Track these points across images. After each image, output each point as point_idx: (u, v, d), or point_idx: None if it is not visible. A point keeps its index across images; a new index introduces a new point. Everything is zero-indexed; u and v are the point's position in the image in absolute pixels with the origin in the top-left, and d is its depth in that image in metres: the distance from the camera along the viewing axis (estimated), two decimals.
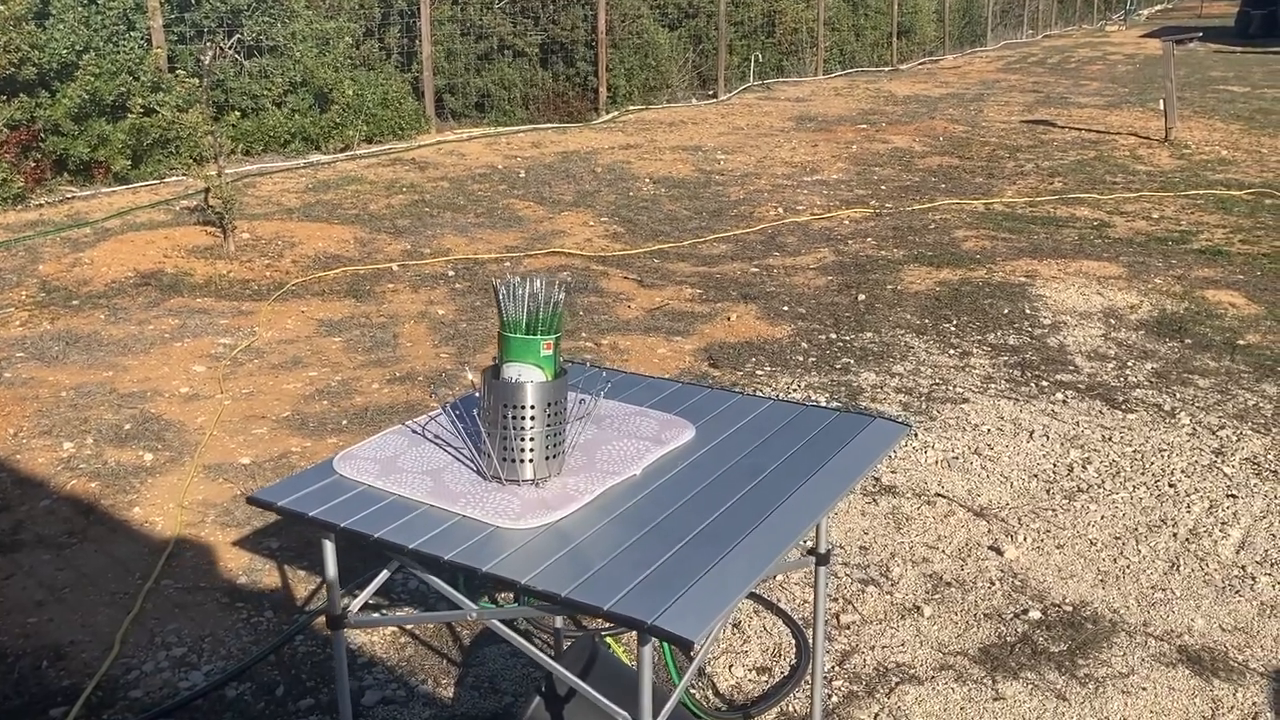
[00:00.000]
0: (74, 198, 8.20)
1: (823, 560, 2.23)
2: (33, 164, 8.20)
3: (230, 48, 10.00)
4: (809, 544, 2.27)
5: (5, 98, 8.15)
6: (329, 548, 1.90)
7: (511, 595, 2.95)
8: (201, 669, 2.83)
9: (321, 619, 3.00)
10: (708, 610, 1.55)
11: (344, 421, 4.40)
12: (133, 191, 8.41)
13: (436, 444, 2.04)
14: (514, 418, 1.85)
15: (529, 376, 1.86)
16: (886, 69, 19.08)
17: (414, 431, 2.10)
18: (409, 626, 3.00)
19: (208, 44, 8.77)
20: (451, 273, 6.47)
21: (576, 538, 1.74)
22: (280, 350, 5.20)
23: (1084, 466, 4.03)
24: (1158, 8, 39.06)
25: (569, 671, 1.99)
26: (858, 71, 18.38)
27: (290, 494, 1.89)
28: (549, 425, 1.87)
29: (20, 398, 4.59)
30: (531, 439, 1.86)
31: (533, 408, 1.85)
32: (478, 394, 2.02)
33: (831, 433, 2.09)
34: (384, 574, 1.98)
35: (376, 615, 2.82)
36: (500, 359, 1.90)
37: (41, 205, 7.93)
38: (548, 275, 6.09)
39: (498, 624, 1.81)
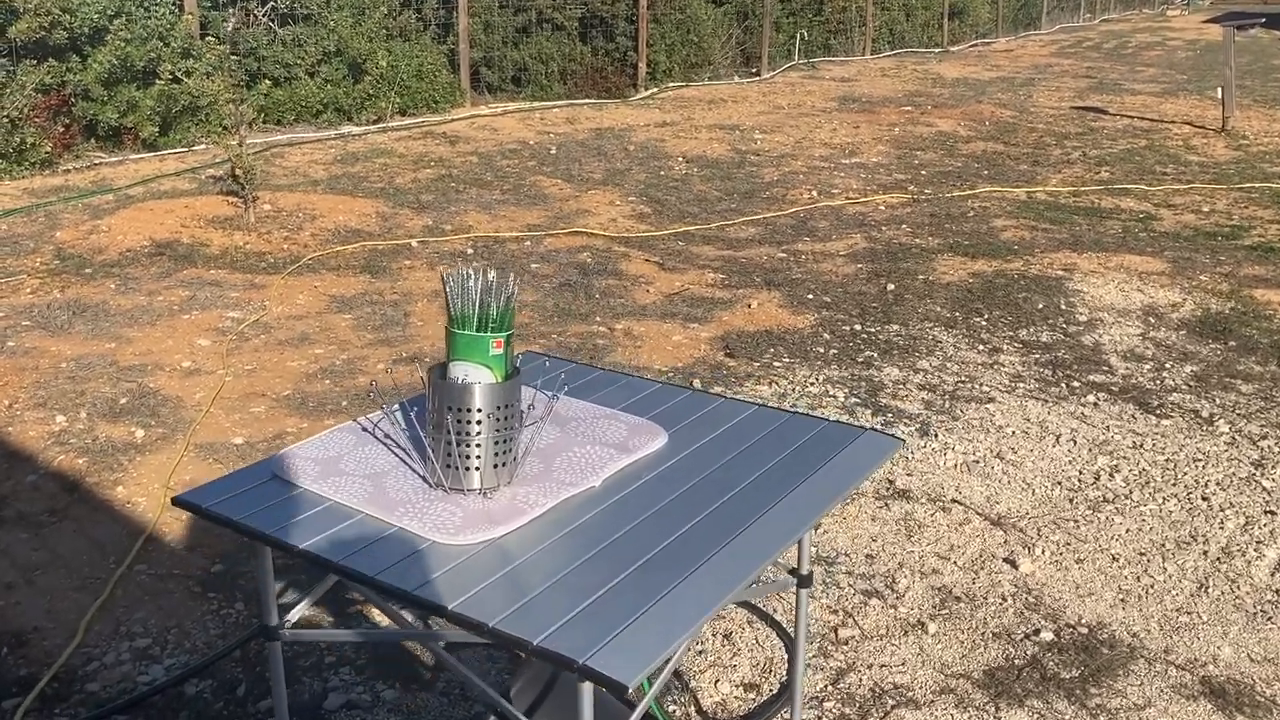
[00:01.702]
0: (102, 164, 8.15)
1: (804, 582, 2.06)
2: (62, 129, 8.15)
3: (264, 15, 9.90)
4: (790, 563, 2.10)
5: (35, 62, 8.11)
6: (264, 553, 1.76)
7: None
8: (163, 662, 2.72)
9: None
10: (649, 649, 1.38)
11: (344, 402, 4.28)
12: (160, 159, 8.35)
13: (385, 444, 1.89)
14: (459, 421, 1.69)
15: (477, 377, 1.70)
16: (936, 50, 18.66)
17: (363, 429, 1.95)
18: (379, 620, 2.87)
19: (235, 10, 8.67)
20: (470, 250, 6.33)
21: (518, 557, 1.58)
22: (288, 326, 5.08)
23: (1111, 475, 3.81)
24: None
25: (527, 693, 1.85)
26: (907, 52, 17.99)
27: (219, 496, 1.75)
28: (498, 430, 1.71)
29: (20, 368, 4.51)
30: (478, 445, 1.70)
31: (479, 410, 1.69)
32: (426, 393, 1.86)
33: (818, 444, 1.92)
34: (326, 582, 1.84)
35: (313, 630, 2.67)
36: (447, 356, 1.74)
37: (69, 171, 7.89)
38: (501, 268, 5.93)
39: (439, 650, 1.66)
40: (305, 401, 4.28)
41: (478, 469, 1.72)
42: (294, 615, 1.87)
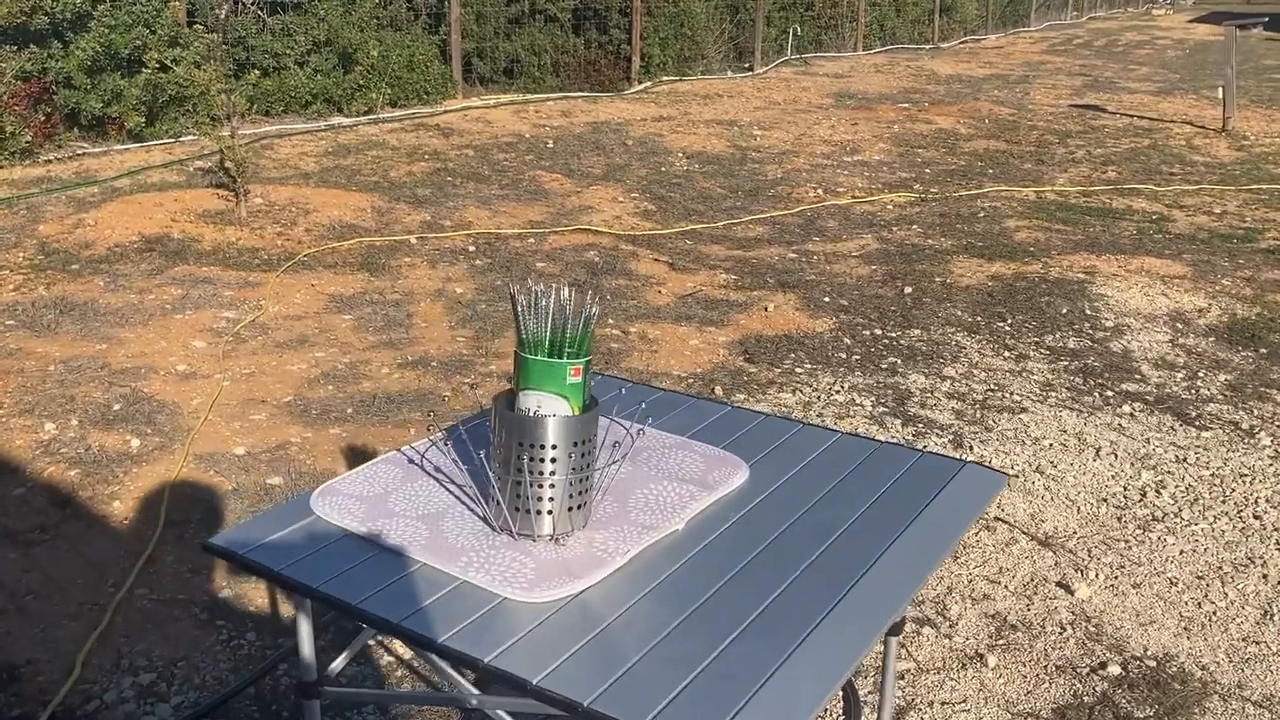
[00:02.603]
0: (85, 154, 7.88)
1: (895, 629, 1.88)
2: (43, 118, 7.88)
3: (253, 4, 9.63)
4: None
5: (15, 48, 7.83)
6: (305, 604, 1.56)
7: None
8: (170, 700, 2.51)
9: None
10: None
11: (349, 410, 4.07)
12: (146, 150, 8.09)
13: (436, 480, 1.69)
14: (531, 459, 1.50)
15: (551, 409, 1.50)
16: (928, 47, 18.53)
17: (410, 461, 1.75)
18: (407, 657, 2.67)
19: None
20: (472, 248, 6.11)
21: (604, 618, 1.39)
22: (286, 327, 4.87)
23: (1158, 491, 3.65)
24: None
25: None
26: (898, 48, 17.84)
27: (256, 539, 1.55)
28: (574, 470, 1.51)
29: (4, 371, 4.27)
30: (552, 486, 1.51)
31: (554, 448, 1.50)
32: (488, 422, 1.67)
33: (915, 480, 1.73)
34: (367, 633, 1.64)
35: (359, 689, 2.47)
36: (516, 385, 1.54)
37: (50, 161, 7.62)
38: (577, 282, 5.73)
39: (505, 716, 1.47)
40: (308, 408, 4.07)
41: (550, 513, 1.52)
42: (336, 665, 1.67)
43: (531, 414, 1.51)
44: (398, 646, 2.69)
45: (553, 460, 1.50)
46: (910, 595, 1.46)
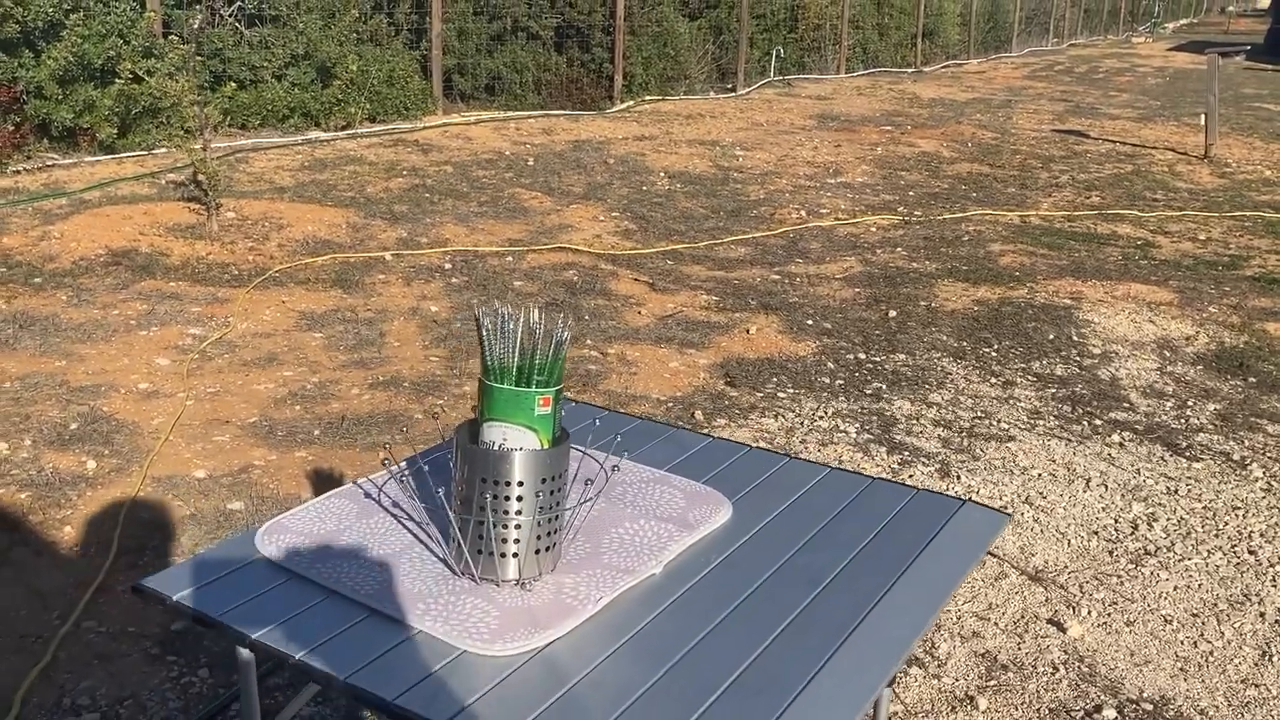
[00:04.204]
0: (54, 165, 7.71)
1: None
2: (12, 128, 7.70)
3: (230, 15, 9.50)
4: None
5: None
6: (246, 659, 1.42)
7: None
8: None
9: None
10: None
11: (316, 432, 3.92)
12: (118, 162, 7.92)
13: (394, 516, 1.56)
14: (495, 497, 1.37)
15: (518, 442, 1.38)
16: (910, 70, 18.56)
17: (366, 495, 1.62)
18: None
19: (203, 9, 8.28)
20: (449, 265, 5.98)
21: (573, 675, 1.26)
22: (254, 345, 4.72)
23: (1149, 524, 3.55)
24: (1183, 22, 38.49)
25: None
26: (880, 71, 17.86)
27: (192, 583, 1.41)
28: (542, 509, 1.39)
29: None
30: (518, 527, 1.38)
31: (521, 485, 1.37)
32: (450, 456, 1.54)
33: (910, 520, 1.62)
34: (307, 692, 1.51)
35: None
36: (480, 415, 1.41)
37: (19, 172, 7.44)
38: (556, 302, 5.60)
39: None
40: (274, 430, 3.93)
41: (515, 556, 1.40)
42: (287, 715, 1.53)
43: (496, 448, 1.38)
44: None
45: (519, 499, 1.38)
46: (910, 648, 1.34)
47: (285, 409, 4.10)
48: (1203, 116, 10.79)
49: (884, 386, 4.57)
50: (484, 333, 1.39)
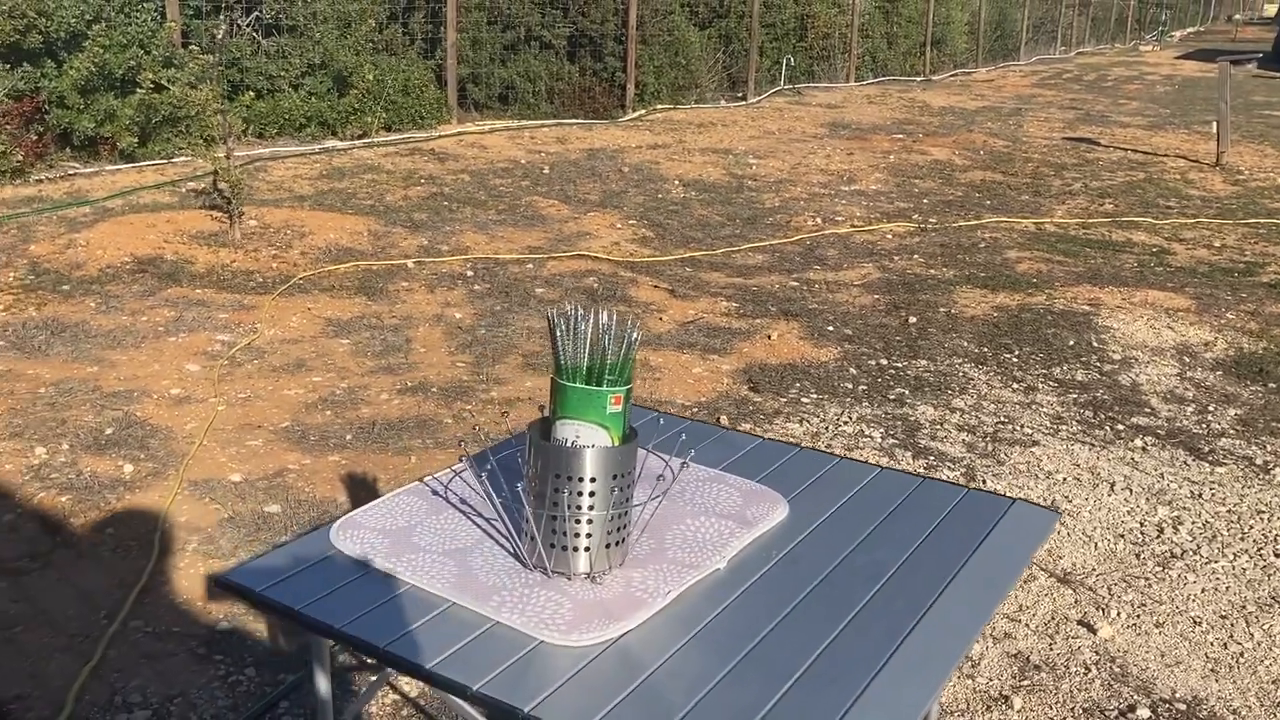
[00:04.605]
0: (76, 174, 7.78)
1: None
2: (35, 137, 7.78)
3: (248, 25, 9.58)
4: None
5: (8, 67, 7.74)
6: (322, 651, 1.47)
7: None
8: None
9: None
10: None
11: (348, 436, 3.97)
12: (138, 171, 7.99)
13: (463, 513, 1.61)
14: (568, 492, 1.41)
15: (590, 439, 1.42)
16: (919, 79, 18.61)
17: (434, 493, 1.67)
18: (413, 695, 2.57)
19: (223, 19, 8.35)
20: (470, 273, 6.04)
21: (648, 664, 1.30)
22: (282, 351, 4.77)
23: (1175, 527, 3.58)
24: (1190, 30, 38.52)
25: None
26: (890, 80, 17.92)
27: (274, 576, 1.46)
28: (614, 505, 1.43)
29: None
30: (590, 521, 1.42)
31: (593, 480, 1.42)
32: (520, 454, 1.58)
33: (962, 518, 1.66)
34: (384, 676, 1.55)
35: None
36: (552, 413, 1.46)
37: (41, 181, 7.51)
38: (625, 310, 5.65)
39: None
40: (306, 435, 3.97)
41: (587, 550, 1.44)
42: (352, 711, 1.57)
43: (569, 444, 1.42)
44: (404, 685, 2.59)
45: (591, 494, 1.42)
46: (971, 643, 1.38)
47: (316, 414, 4.15)
48: (1214, 124, 10.82)
49: (907, 392, 4.61)
50: (557, 333, 1.44)
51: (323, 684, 1.52)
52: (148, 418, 4.03)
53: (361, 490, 3.60)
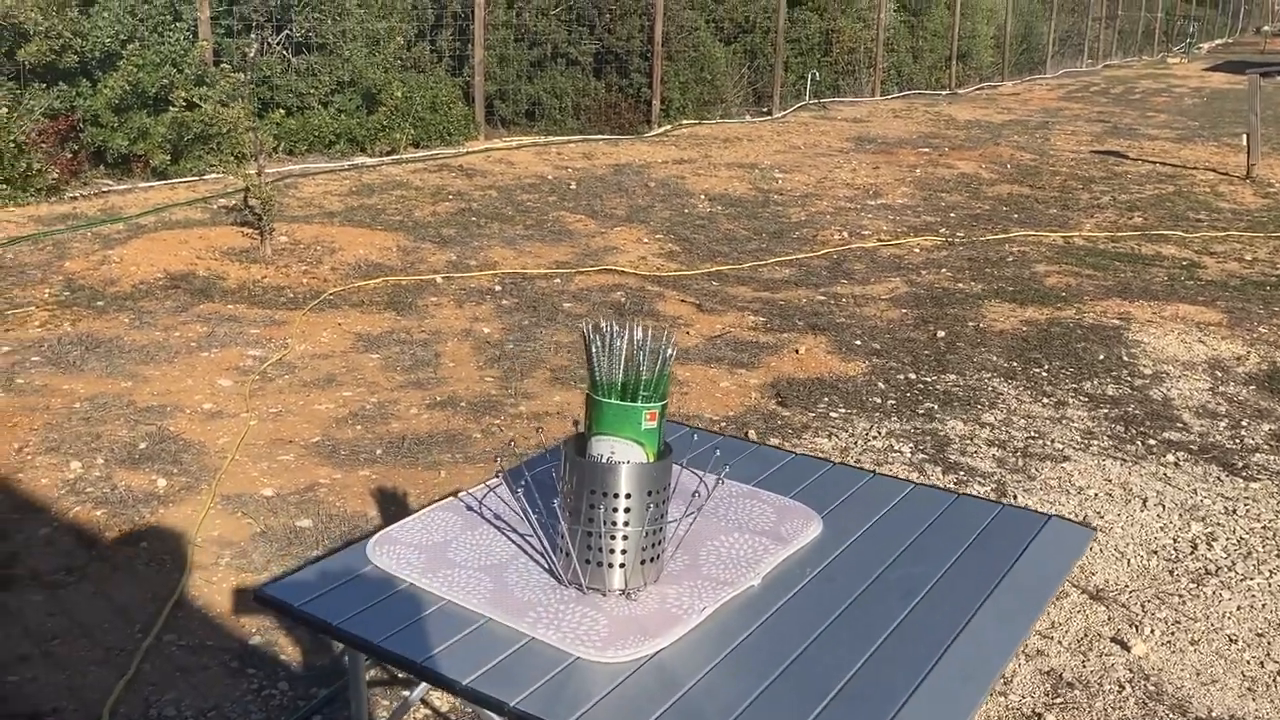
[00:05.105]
0: (110, 191, 7.88)
1: None
2: (69, 155, 7.88)
3: (278, 43, 9.69)
4: None
5: (44, 85, 7.86)
6: (358, 666, 1.48)
7: None
8: None
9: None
10: None
11: (378, 451, 4.00)
12: (170, 188, 8.09)
13: (498, 528, 1.62)
14: (603, 509, 1.42)
15: (625, 455, 1.43)
16: (944, 93, 18.58)
17: (469, 508, 1.68)
18: (444, 710, 2.58)
19: (254, 38, 8.45)
20: (498, 288, 6.07)
21: (684, 681, 1.30)
22: (313, 366, 4.81)
23: (1209, 544, 3.55)
24: (1218, 42, 38.26)
25: None
26: (915, 94, 17.89)
27: (312, 591, 1.47)
28: (648, 521, 1.44)
29: (30, 408, 4.22)
30: (625, 538, 1.43)
31: (628, 497, 1.42)
32: (555, 469, 1.59)
33: (998, 535, 1.65)
34: (418, 692, 1.56)
35: None
36: (587, 429, 1.47)
37: (75, 198, 7.61)
38: (652, 324, 5.67)
39: None
40: (336, 449, 4.00)
41: (622, 566, 1.45)
42: None
43: (604, 460, 1.43)
44: (437, 700, 2.60)
45: (626, 510, 1.43)
46: (1009, 660, 1.38)
47: (346, 429, 4.18)
48: (1244, 136, 10.74)
49: (936, 406, 4.60)
50: (593, 350, 1.45)
51: (358, 699, 1.53)
52: (181, 432, 4.07)
53: (392, 505, 3.62)
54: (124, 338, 5.01)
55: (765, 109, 14.54)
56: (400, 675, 2.60)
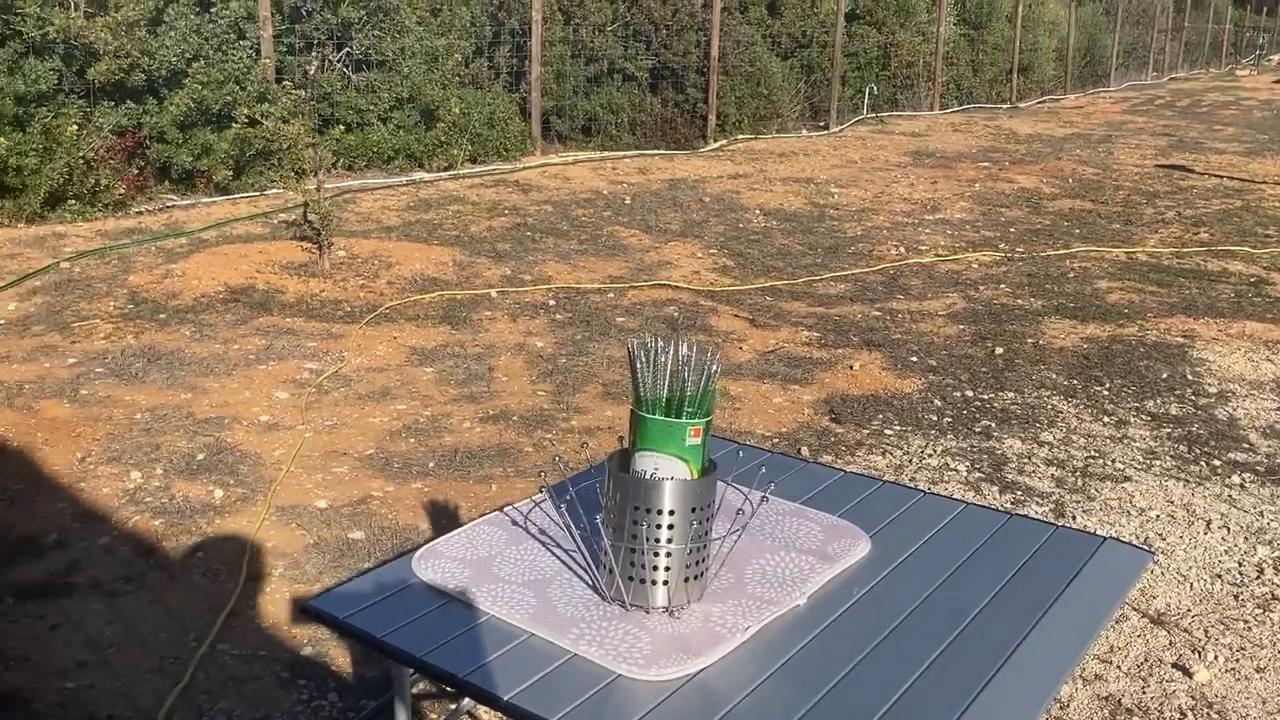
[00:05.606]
0: (174, 206, 8.05)
1: None
2: (135, 171, 8.07)
3: (338, 61, 9.84)
4: None
5: (113, 104, 8.06)
6: (403, 679, 1.48)
7: None
8: None
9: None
10: None
11: (431, 464, 4.02)
12: (232, 203, 8.24)
13: (542, 544, 1.61)
14: (647, 525, 1.41)
15: (669, 471, 1.42)
16: (1005, 106, 18.37)
17: (513, 523, 1.67)
18: None
19: (315, 56, 8.59)
20: (552, 302, 6.09)
21: (727, 701, 1.29)
22: (369, 379, 4.86)
23: (1276, 568, 3.45)
24: None
25: None
26: (975, 108, 17.72)
27: (358, 604, 1.48)
28: (692, 538, 1.42)
29: (93, 418, 4.30)
30: (669, 555, 1.42)
31: (672, 514, 1.41)
32: (600, 485, 1.59)
33: (1050, 557, 1.61)
34: (465, 704, 1.55)
35: None
36: (631, 445, 1.46)
37: (141, 213, 7.79)
38: (697, 341, 5.67)
39: None
40: (390, 462, 4.03)
41: (666, 583, 1.43)
42: None
43: (648, 476, 1.42)
44: (482, 716, 2.60)
45: (670, 527, 1.42)
46: (1057, 689, 1.34)
47: (400, 442, 4.21)
48: None
49: (993, 424, 4.52)
50: (637, 366, 1.44)
51: (402, 712, 1.53)
52: (238, 444, 4.13)
53: (443, 518, 3.64)
54: (184, 350, 5.11)
55: (822, 123, 14.49)
56: (448, 689, 2.61)
